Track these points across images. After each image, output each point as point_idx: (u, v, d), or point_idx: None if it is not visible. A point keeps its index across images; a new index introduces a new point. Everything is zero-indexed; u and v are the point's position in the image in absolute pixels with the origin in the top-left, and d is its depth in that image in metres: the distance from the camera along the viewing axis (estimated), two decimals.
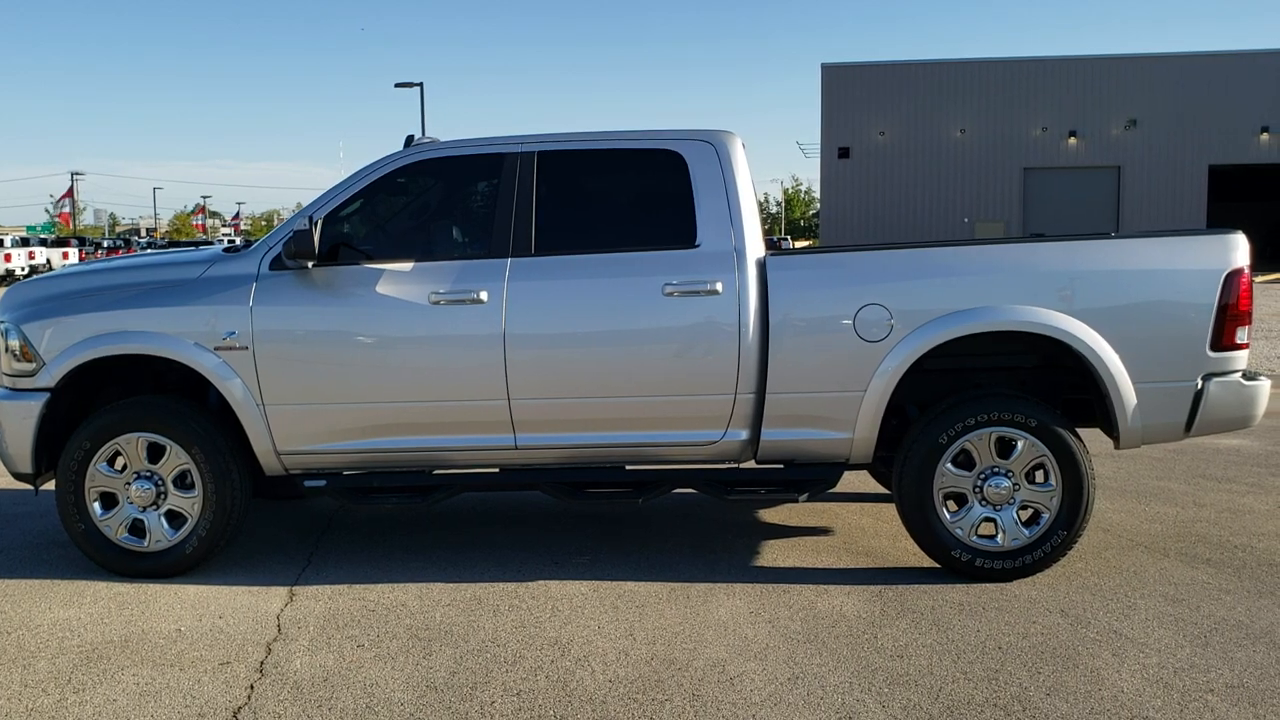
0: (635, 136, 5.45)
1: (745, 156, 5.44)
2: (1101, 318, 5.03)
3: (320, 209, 5.34)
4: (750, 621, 4.67)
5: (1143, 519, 6.25)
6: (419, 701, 3.93)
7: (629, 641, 4.47)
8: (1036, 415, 5.05)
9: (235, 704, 3.93)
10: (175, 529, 5.35)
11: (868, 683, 4.04)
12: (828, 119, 42.76)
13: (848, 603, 4.88)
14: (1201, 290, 5.05)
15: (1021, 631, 4.51)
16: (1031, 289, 5.06)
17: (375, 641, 4.52)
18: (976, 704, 3.85)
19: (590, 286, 5.21)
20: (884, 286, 5.10)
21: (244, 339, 5.22)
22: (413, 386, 5.21)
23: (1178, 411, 5.12)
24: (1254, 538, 5.83)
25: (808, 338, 5.13)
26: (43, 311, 5.37)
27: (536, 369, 5.17)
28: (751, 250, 5.20)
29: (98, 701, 3.97)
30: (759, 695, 3.95)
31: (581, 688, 4.03)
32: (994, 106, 41.59)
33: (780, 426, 5.20)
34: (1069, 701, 3.85)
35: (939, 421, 5.10)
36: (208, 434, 5.29)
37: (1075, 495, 5.06)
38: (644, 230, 5.40)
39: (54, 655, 4.41)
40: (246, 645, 4.49)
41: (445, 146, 5.53)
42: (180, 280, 5.36)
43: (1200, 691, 3.92)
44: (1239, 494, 6.82)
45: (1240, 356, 5.13)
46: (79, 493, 5.31)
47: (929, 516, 5.13)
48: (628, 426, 5.24)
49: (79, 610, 4.93)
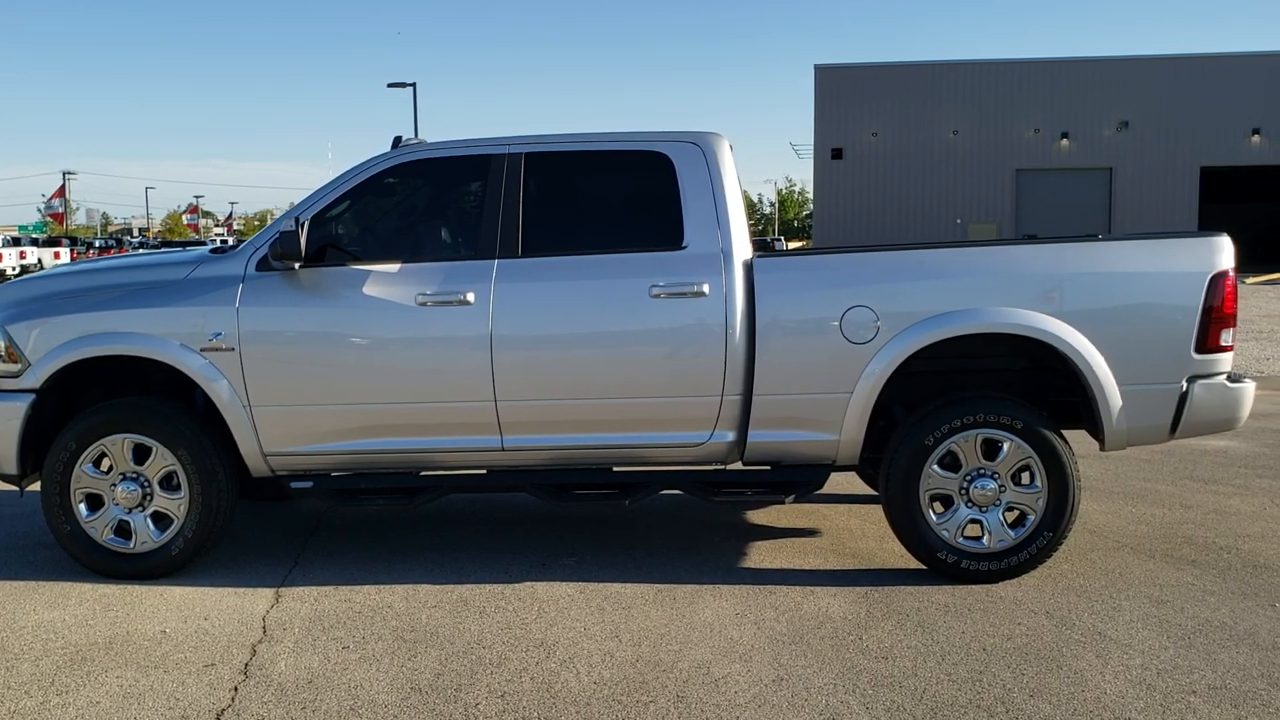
0: (622, 138, 5.45)
1: (732, 158, 5.45)
2: (1087, 320, 5.04)
3: (307, 210, 5.33)
4: (736, 623, 4.68)
5: (1129, 520, 6.27)
6: (403, 703, 3.93)
7: (614, 643, 4.47)
8: (1022, 417, 5.07)
9: (219, 706, 3.93)
10: (161, 530, 5.34)
11: (852, 684, 4.05)
12: (821, 120, 42.84)
13: (834, 604, 4.89)
14: (1186, 293, 5.07)
15: (1006, 633, 4.52)
16: (1017, 291, 5.07)
17: (360, 643, 4.51)
18: (960, 706, 3.86)
19: (577, 288, 5.21)
20: (870, 288, 5.11)
21: (230, 340, 5.21)
22: (399, 388, 5.21)
23: (1163, 414, 5.14)
24: (1239, 539, 5.85)
25: (794, 339, 5.14)
26: (28, 312, 5.35)
27: (523, 370, 5.17)
28: (738, 252, 5.20)
29: (81, 704, 3.96)
30: (743, 697, 3.95)
31: (566, 689, 4.03)
32: (986, 108, 41.69)
33: (767, 428, 5.20)
34: (1051, 703, 3.86)
35: (925, 423, 5.11)
36: (194, 435, 5.28)
37: (1061, 497, 5.08)
38: (631, 232, 5.40)
39: (38, 657, 4.40)
40: (231, 647, 4.48)
41: (432, 148, 5.53)
42: (166, 281, 5.35)
43: (1183, 693, 3.93)
44: (1225, 495, 6.84)
45: (1225, 359, 5.14)
46: (65, 494, 5.30)
47: (915, 518, 5.14)
48: (614, 428, 5.24)
49: (64, 612, 4.92)
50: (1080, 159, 41.50)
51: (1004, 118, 41.61)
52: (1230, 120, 40.33)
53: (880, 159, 42.45)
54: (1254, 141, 40.55)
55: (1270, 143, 40.48)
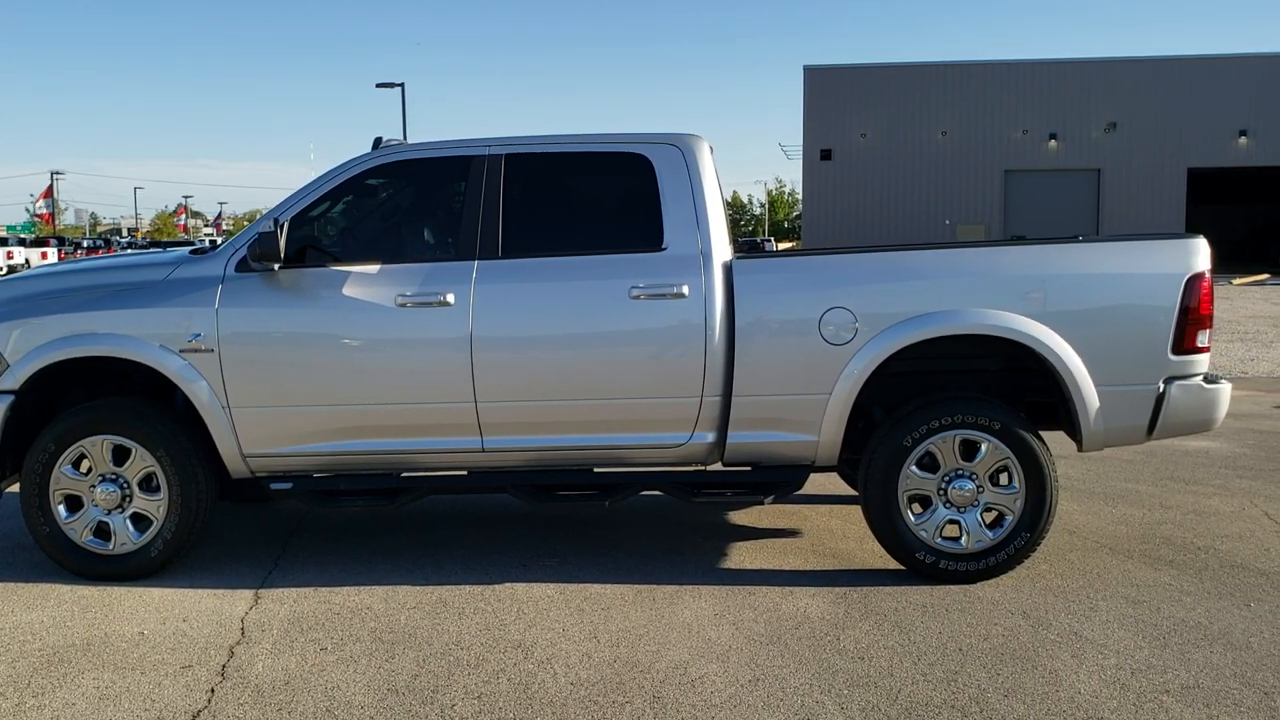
0: (602, 140, 5.46)
1: (712, 160, 5.46)
2: (1065, 321, 5.07)
3: (286, 211, 5.33)
4: (714, 623, 4.69)
5: (1108, 521, 6.30)
6: (379, 705, 3.94)
7: (593, 644, 4.48)
8: (1000, 418, 5.09)
9: (195, 708, 3.93)
10: (140, 532, 5.33)
11: (828, 684, 4.06)
12: (810, 121, 42.88)
13: (812, 604, 4.90)
14: (1163, 294, 5.09)
15: (982, 633, 4.54)
16: (996, 293, 5.09)
17: (338, 644, 4.51)
18: (934, 705, 3.88)
19: (557, 289, 5.21)
20: (849, 290, 5.13)
21: (209, 341, 5.20)
22: (379, 389, 5.21)
23: (1140, 414, 5.16)
24: (1217, 539, 5.88)
25: (773, 340, 5.15)
26: (7, 313, 5.34)
27: (503, 371, 5.18)
28: (718, 253, 5.21)
29: (56, 705, 3.96)
30: (719, 697, 3.96)
31: (543, 690, 4.04)
32: (975, 109, 41.79)
33: (746, 429, 5.21)
34: (1025, 703, 3.88)
35: (904, 424, 5.13)
36: (173, 436, 5.27)
37: (1038, 497, 5.10)
38: (611, 233, 5.40)
39: (14, 659, 4.39)
40: (209, 648, 4.48)
41: (412, 149, 5.53)
42: (146, 282, 5.34)
43: (1156, 692, 3.95)
44: (1205, 496, 6.88)
45: (1201, 360, 5.17)
46: (44, 495, 5.29)
47: (894, 518, 5.16)
48: (595, 429, 5.25)
49: (41, 613, 4.91)
50: (1069, 160, 41.62)
51: (992, 119, 41.72)
52: (1218, 122, 40.48)
53: (869, 160, 42.51)
54: (1241, 143, 40.71)
55: (1257, 144, 40.65)
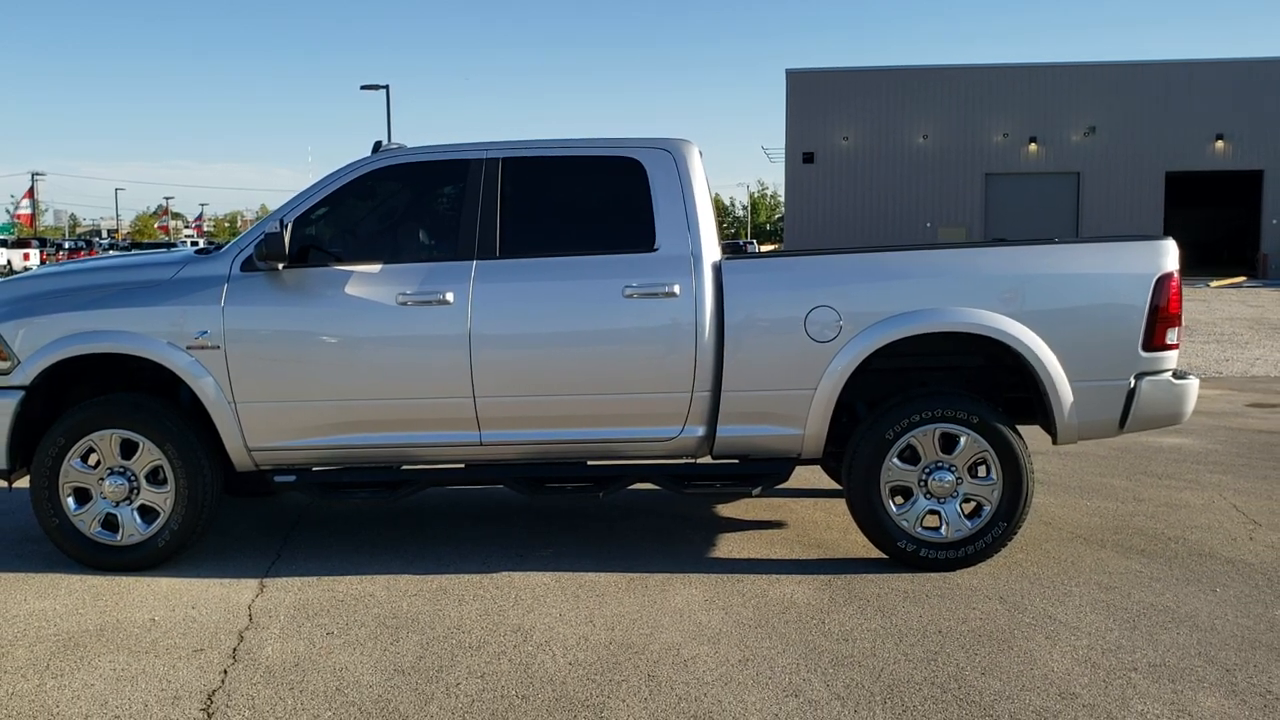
0: (596, 144, 5.65)
1: (702, 164, 5.66)
2: (1041, 319, 5.29)
3: (291, 212, 5.50)
4: (705, 609, 4.89)
5: (1083, 513, 6.53)
6: (387, 684, 4.12)
7: (589, 628, 4.67)
8: (978, 412, 5.30)
9: (210, 687, 4.10)
10: (148, 523, 5.49)
11: (814, 664, 4.27)
12: (792, 124, 43.21)
13: (798, 591, 5.11)
14: (1134, 293, 5.32)
15: (961, 617, 4.75)
16: (975, 292, 5.31)
17: (344, 629, 4.69)
18: (915, 683, 4.08)
19: (553, 288, 5.40)
20: (833, 289, 5.34)
21: (216, 338, 5.37)
22: (381, 385, 5.38)
23: (1112, 409, 5.38)
24: (1187, 530, 6.11)
25: (761, 338, 5.36)
26: (17, 311, 5.49)
27: (501, 368, 5.36)
28: (708, 254, 5.41)
29: (76, 686, 4.12)
30: (711, 676, 4.16)
31: (542, 670, 4.23)
32: (956, 113, 42.20)
33: (735, 423, 5.42)
34: (1002, 680, 4.10)
35: (886, 418, 5.34)
36: (180, 431, 5.44)
37: (1015, 488, 5.32)
38: (605, 235, 5.59)
39: (31, 644, 4.55)
40: (219, 634, 4.65)
41: (413, 152, 5.71)
42: (153, 281, 5.50)
43: (1125, 670, 4.17)
44: (1177, 489, 7.12)
45: (1171, 356, 5.40)
46: (53, 488, 5.44)
47: (876, 509, 5.37)
48: (589, 423, 5.44)
49: (54, 601, 5.07)
50: (1048, 164, 42.08)
51: (973, 123, 42.14)
52: (1195, 126, 41.02)
53: (851, 163, 42.87)
54: (1218, 147, 41.25)
55: (1234, 148, 41.20)
